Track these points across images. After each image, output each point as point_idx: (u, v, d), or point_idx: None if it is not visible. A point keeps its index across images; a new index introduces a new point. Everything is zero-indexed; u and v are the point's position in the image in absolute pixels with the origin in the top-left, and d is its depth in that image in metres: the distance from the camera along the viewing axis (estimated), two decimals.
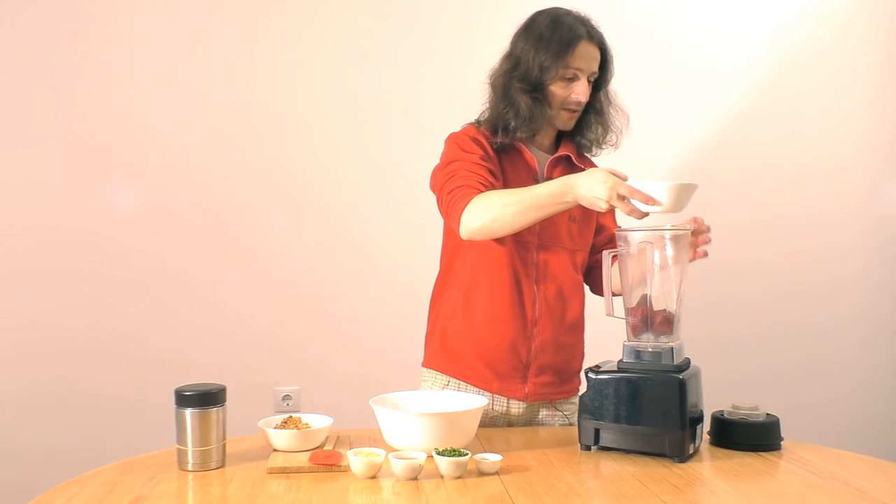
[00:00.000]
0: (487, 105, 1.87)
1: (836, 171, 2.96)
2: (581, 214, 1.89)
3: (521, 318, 1.81)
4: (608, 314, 1.66)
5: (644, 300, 1.63)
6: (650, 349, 1.59)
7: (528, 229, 1.77)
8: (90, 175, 2.75)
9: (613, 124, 1.90)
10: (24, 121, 2.74)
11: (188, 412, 1.47)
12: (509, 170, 1.84)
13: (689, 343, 1.68)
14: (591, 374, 1.60)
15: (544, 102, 1.81)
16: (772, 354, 2.92)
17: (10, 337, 2.74)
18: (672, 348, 1.58)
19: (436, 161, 1.86)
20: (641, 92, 2.83)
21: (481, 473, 1.45)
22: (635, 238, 1.63)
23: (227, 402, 1.52)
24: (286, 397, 2.82)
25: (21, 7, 2.71)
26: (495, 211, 1.63)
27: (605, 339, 1.82)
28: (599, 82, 1.87)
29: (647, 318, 1.62)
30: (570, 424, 1.91)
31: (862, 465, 1.55)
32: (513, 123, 1.81)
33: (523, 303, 1.82)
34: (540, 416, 1.90)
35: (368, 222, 2.88)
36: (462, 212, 1.67)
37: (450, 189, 1.73)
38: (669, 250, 1.63)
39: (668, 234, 1.63)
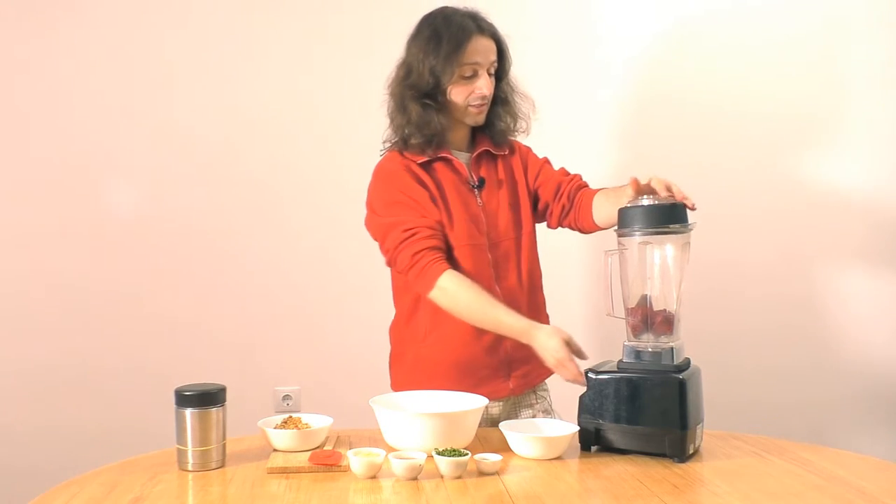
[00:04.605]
0: (388, 117, 1.88)
1: (839, 170, 2.96)
2: (513, 198, 1.90)
3: None
4: (608, 314, 1.66)
5: (644, 300, 1.63)
6: (650, 349, 1.59)
7: (479, 231, 1.82)
8: (91, 174, 2.75)
9: (521, 111, 1.92)
10: (21, 118, 2.74)
11: (188, 412, 1.47)
12: (442, 180, 1.84)
13: (690, 343, 1.67)
14: (591, 375, 1.60)
15: (443, 109, 1.82)
16: (772, 354, 2.91)
17: (10, 336, 2.73)
18: (672, 348, 1.58)
19: None
20: (649, 93, 2.85)
21: (481, 473, 1.45)
22: (635, 238, 1.63)
23: (227, 402, 1.52)
24: (286, 397, 2.82)
25: (21, 6, 2.71)
26: (460, 309, 1.72)
27: (605, 339, 1.82)
28: (500, 73, 1.88)
29: (647, 318, 1.62)
30: (547, 413, 1.91)
31: (862, 465, 1.55)
32: (413, 139, 1.81)
33: None
34: (520, 417, 1.88)
35: None
36: (431, 287, 1.72)
37: (413, 251, 1.73)
38: (669, 250, 1.63)
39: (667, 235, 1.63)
